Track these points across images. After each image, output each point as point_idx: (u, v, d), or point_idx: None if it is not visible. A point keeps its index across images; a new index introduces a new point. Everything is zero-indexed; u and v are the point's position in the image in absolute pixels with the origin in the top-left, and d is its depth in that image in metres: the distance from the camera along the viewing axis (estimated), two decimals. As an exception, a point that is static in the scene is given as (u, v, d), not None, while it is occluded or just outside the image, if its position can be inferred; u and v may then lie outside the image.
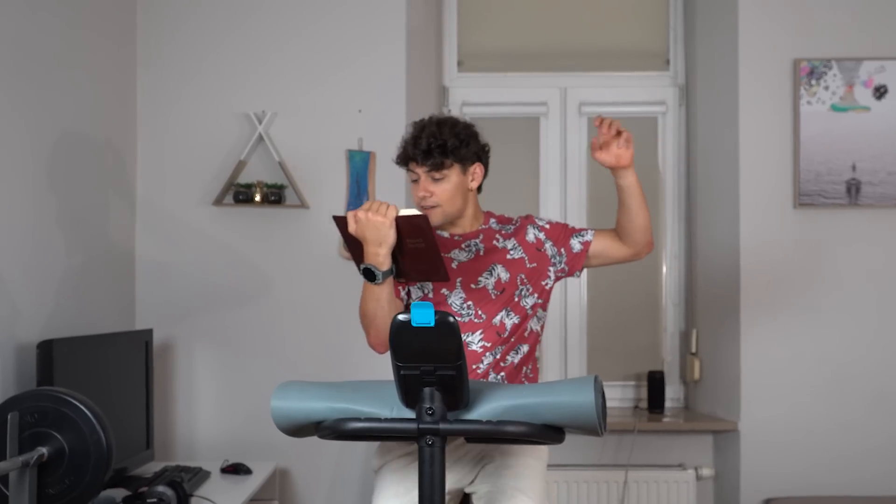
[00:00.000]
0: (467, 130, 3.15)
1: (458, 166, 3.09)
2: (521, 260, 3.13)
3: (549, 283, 3.16)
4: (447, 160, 3.06)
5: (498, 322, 3.06)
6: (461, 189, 3.11)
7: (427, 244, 2.78)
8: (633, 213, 3.17)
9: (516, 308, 3.08)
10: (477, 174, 3.16)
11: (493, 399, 2.29)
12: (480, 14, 5.24)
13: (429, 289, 3.10)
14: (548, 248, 3.18)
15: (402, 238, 2.80)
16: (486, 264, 3.11)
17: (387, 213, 2.78)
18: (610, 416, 4.83)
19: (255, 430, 4.54)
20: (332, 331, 4.61)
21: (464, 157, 3.09)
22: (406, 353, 2.17)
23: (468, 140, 3.12)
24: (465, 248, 3.15)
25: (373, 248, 2.80)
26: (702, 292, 4.97)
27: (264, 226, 4.65)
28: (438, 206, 3.09)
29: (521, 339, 3.09)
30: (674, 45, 5.17)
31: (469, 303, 3.06)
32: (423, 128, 3.11)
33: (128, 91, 4.58)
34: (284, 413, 2.36)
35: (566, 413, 2.24)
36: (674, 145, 5.13)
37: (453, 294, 3.07)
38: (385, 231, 2.78)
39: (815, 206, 4.63)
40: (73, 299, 3.96)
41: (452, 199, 3.10)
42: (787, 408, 4.66)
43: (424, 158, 3.05)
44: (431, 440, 2.25)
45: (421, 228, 2.75)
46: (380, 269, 2.82)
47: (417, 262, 2.85)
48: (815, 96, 4.62)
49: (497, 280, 3.09)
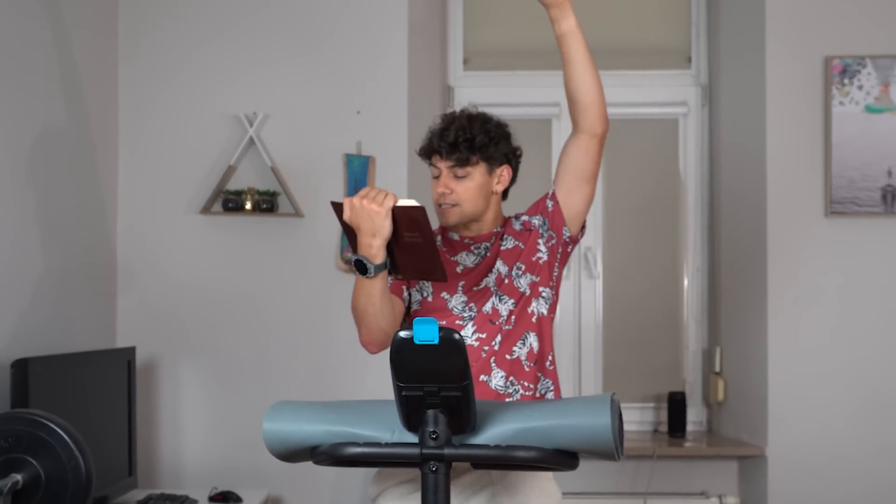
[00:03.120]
0: (499, 129, 3.14)
1: (484, 165, 3.08)
2: (514, 248, 3.11)
3: (542, 258, 3.10)
4: (473, 157, 3.05)
5: (489, 309, 3.04)
6: (484, 191, 3.10)
7: (424, 239, 2.78)
8: (578, 68, 3.08)
9: (509, 290, 3.05)
10: (504, 177, 3.14)
11: (502, 422, 2.29)
12: (488, 7, 5.25)
13: (428, 291, 3.09)
14: (535, 222, 3.15)
15: (399, 230, 2.80)
16: (490, 265, 3.10)
17: (383, 203, 2.77)
18: (627, 441, 4.82)
19: (246, 455, 4.54)
20: (328, 348, 4.61)
21: (491, 156, 3.08)
22: (408, 373, 2.17)
23: (499, 139, 3.11)
24: (474, 250, 3.14)
25: (366, 239, 2.80)
26: (726, 307, 4.96)
27: (256, 236, 4.65)
28: (457, 205, 3.07)
29: (527, 326, 3.06)
30: (696, 41, 5.18)
31: (472, 304, 3.06)
32: (452, 120, 3.10)
33: (108, 88, 4.59)
34: (277, 436, 2.36)
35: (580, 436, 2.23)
36: (696, 149, 5.13)
37: (454, 298, 3.07)
38: (380, 221, 2.77)
39: (847, 214, 4.63)
40: (50, 315, 3.96)
41: (473, 199, 3.08)
42: (818, 431, 4.65)
43: (449, 152, 3.04)
44: (435, 466, 2.24)
45: (418, 221, 2.75)
46: (372, 262, 2.81)
47: (414, 258, 2.85)
48: (847, 96, 4.63)
49: (497, 275, 3.08)
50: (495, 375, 3.00)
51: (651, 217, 5.24)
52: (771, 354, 4.66)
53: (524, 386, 3.00)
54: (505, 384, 2.99)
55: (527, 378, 3.02)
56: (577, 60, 3.09)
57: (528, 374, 3.03)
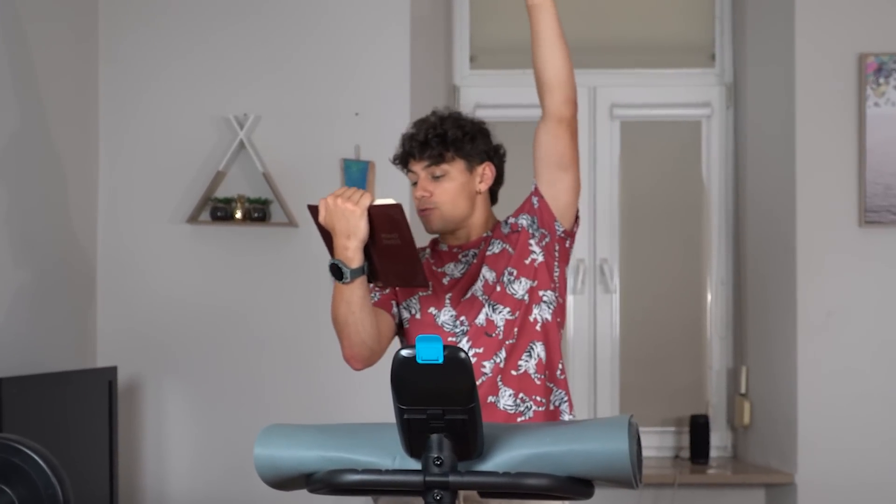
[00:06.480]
0: (474, 125, 3.14)
1: (462, 163, 3.08)
2: (502, 252, 3.11)
3: (536, 259, 3.10)
4: (447, 153, 3.05)
5: (483, 321, 3.04)
6: (465, 191, 3.10)
7: (402, 241, 2.79)
8: (549, 44, 3.04)
9: (501, 298, 3.05)
10: (486, 176, 3.14)
11: (511, 447, 2.28)
12: (496, 1, 5.26)
13: (416, 308, 3.09)
14: (522, 222, 3.15)
15: (377, 232, 2.81)
16: (476, 273, 3.10)
17: (359, 202, 2.79)
18: (646, 467, 4.82)
19: (236, 483, 4.54)
20: (324, 367, 4.60)
21: (468, 153, 3.08)
22: (410, 395, 2.17)
23: (474, 134, 3.11)
24: (461, 259, 3.14)
25: (341, 241, 2.82)
26: (752, 324, 4.96)
27: (246, 247, 4.66)
28: (437, 207, 3.07)
29: (531, 336, 3.05)
30: (720, 38, 5.19)
31: (462, 317, 3.06)
32: (423, 121, 3.12)
33: (88, 89, 4.60)
34: (269, 462, 2.35)
35: (595, 462, 2.23)
36: (720, 153, 5.14)
37: (442, 312, 3.07)
38: (355, 221, 2.79)
39: (883, 223, 4.63)
40: (25, 332, 3.96)
41: (454, 201, 3.08)
42: (851, 457, 4.65)
43: (421, 151, 3.06)
44: (440, 495, 2.24)
45: (395, 221, 2.76)
46: (348, 266, 2.82)
47: (393, 262, 2.86)
48: (883, 96, 4.63)
49: (485, 283, 3.07)
50: (503, 395, 3.00)
51: (672, 226, 5.24)
52: (801, 374, 4.66)
53: (536, 401, 3.00)
54: (515, 402, 2.99)
55: (538, 392, 3.02)
56: (548, 36, 3.06)
57: (539, 387, 3.03)
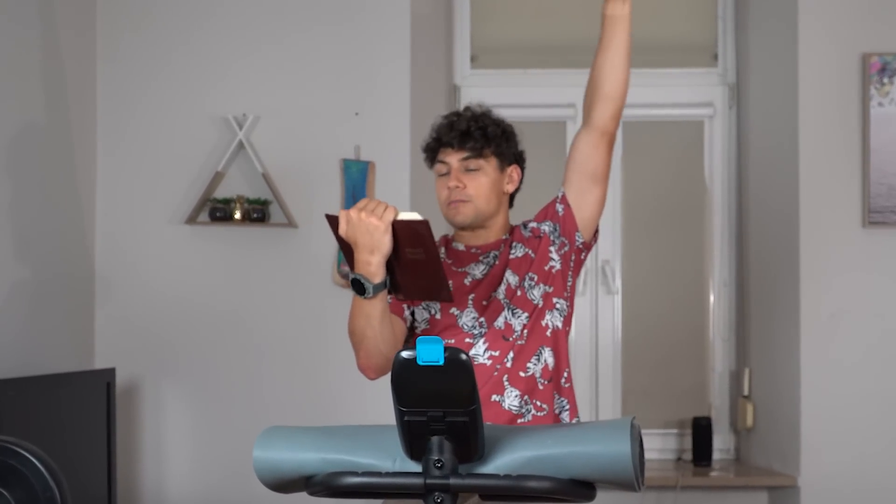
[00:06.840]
0: (509, 127, 3.18)
1: (495, 161, 3.10)
2: (525, 256, 3.12)
3: (554, 266, 3.11)
4: (487, 148, 3.07)
5: (502, 324, 3.04)
6: (496, 189, 3.12)
7: (428, 256, 2.77)
8: (617, 57, 3.13)
9: (522, 303, 3.06)
10: (514, 178, 3.17)
11: (513, 449, 2.29)
12: (496, 2, 5.27)
13: (436, 308, 3.09)
14: (545, 228, 3.16)
15: (401, 246, 2.79)
16: (499, 275, 3.10)
17: (383, 216, 2.76)
18: (649, 470, 4.81)
19: (235, 485, 4.54)
20: (324, 368, 4.61)
21: (503, 152, 3.11)
22: (411, 397, 2.17)
23: (509, 136, 3.15)
24: (482, 260, 3.14)
25: (364, 256, 2.79)
26: (755, 325, 4.97)
27: (245, 248, 4.66)
28: (470, 201, 3.08)
29: (541, 340, 3.06)
30: (723, 38, 5.19)
31: (482, 319, 3.06)
32: (459, 114, 3.13)
33: (86, 89, 4.60)
34: (268, 465, 2.36)
35: (597, 465, 2.23)
36: (723, 153, 5.14)
37: (465, 313, 3.07)
38: (379, 236, 2.76)
39: (887, 224, 4.63)
40: (22, 333, 3.96)
41: (487, 196, 3.09)
42: (854, 460, 4.65)
43: (461, 142, 3.06)
44: (440, 498, 2.25)
45: (421, 236, 2.74)
46: (371, 281, 2.80)
47: (417, 277, 2.84)
48: (887, 97, 4.63)
49: (507, 287, 3.08)
50: (509, 394, 3.01)
51: (674, 227, 5.25)
52: (804, 376, 4.66)
53: (537, 406, 3.01)
54: (520, 404, 2.99)
55: (541, 397, 3.02)
56: (619, 49, 3.14)
57: (543, 392, 3.03)
